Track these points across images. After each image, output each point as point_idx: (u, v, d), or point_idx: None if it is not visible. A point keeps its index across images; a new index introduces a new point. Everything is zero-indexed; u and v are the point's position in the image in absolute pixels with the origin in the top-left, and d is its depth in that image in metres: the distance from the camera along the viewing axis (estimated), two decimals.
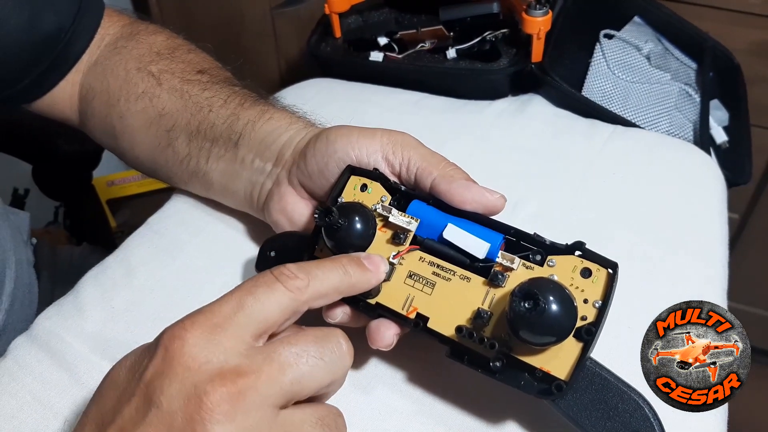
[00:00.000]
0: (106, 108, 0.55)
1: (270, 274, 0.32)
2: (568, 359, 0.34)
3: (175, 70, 0.54)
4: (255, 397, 0.29)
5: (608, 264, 0.34)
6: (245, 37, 1.24)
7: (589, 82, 0.69)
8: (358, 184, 0.41)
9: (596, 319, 0.33)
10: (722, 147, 0.74)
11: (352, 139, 0.42)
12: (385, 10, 0.76)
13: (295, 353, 0.30)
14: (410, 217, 0.39)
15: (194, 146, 0.51)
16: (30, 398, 0.40)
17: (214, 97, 0.51)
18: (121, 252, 0.50)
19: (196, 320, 0.30)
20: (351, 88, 0.71)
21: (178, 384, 0.28)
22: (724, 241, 0.55)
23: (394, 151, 0.41)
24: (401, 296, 0.38)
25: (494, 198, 0.38)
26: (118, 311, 0.45)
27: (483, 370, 0.35)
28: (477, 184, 0.39)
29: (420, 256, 0.38)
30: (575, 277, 0.34)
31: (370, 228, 0.39)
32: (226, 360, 0.29)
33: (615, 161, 0.60)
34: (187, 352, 0.29)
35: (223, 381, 0.28)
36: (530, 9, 0.64)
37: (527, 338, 0.33)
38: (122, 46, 0.55)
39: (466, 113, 0.67)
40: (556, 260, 0.35)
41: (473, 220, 0.38)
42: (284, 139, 0.47)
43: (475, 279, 0.37)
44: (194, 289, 0.47)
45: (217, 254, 0.50)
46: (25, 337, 0.44)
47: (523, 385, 0.34)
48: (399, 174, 0.41)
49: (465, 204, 0.38)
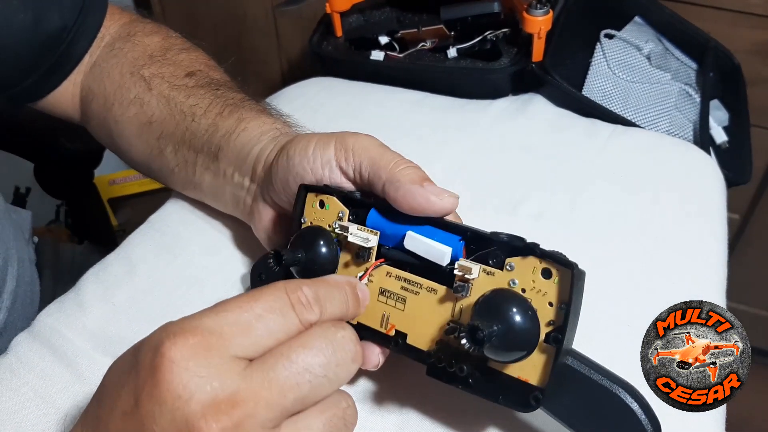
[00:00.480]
0: (103, 111, 0.55)
1: (286, 300, 0.30)
2: (542, 366, 0.33)
3: (165, 74, 0.53)
4: (254, 425, 0.26)
5: (566, 263, 0.32)
6: (247, 36, 1.25)
7: (590, 82, 0.70)
8: (316, 201, 0.40)
9: (563, 323, 0.32)
10: (722, 147, 0.74)
11: (309, 152, 0.40)
12: (387, 9, 0.76)
13: (297, 373, 0.28)
14: (369, 230, 0.37)
15: (181, 156, 0.50)
16: (32, 394, 0.41)
17: (197, 105, 0.50)
18: (122, 249, 0.50)
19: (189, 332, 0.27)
20: (352, 86, 0.71)
21: (169, 415, 0.26)
22: (723, 240, 0.55)
23: (346, 158, 0.39)
24: (378, 314, 0.37)
25: (442, 201, 0.36)
26: (119, 308, 0.45)
27: (462, 386, 0.35)
28: (423, 188, 0.36)
29: (387, 271, 0.37)
30: (536, 279, 0.33)
31: (331, 251, 0.38)
32: (220, 386, 0.26)
33: (615, 160, 0.60)
34: (177, 378, 0.26)
35: (218, 415, 0.26)
36: (531, 8, 0.64)
37: (495, 359, 0.33)
38: (119, 48, 0.55)
39: (467, 112, 0.67)
40: (514, 263, 0.34)
41: (431, 223, 0.37)
42: (256, 152, 0.46)
43: (440, 290, 0.36)
44: (195, 287, 0.47)
45: (218, 252, 0.50)
46: (26, 333, 0.45)
47: (502, 400, 0.34)
48: (354, 180, 0.40)
49: (414, 211, 0.36)
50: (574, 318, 0.33)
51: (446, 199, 0.36)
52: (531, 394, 0.33)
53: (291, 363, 0.28)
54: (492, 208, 0.55)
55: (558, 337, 0.32)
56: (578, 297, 0.33)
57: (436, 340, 0.36)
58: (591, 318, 0.36)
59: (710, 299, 0.48)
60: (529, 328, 0.32)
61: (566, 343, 0.32)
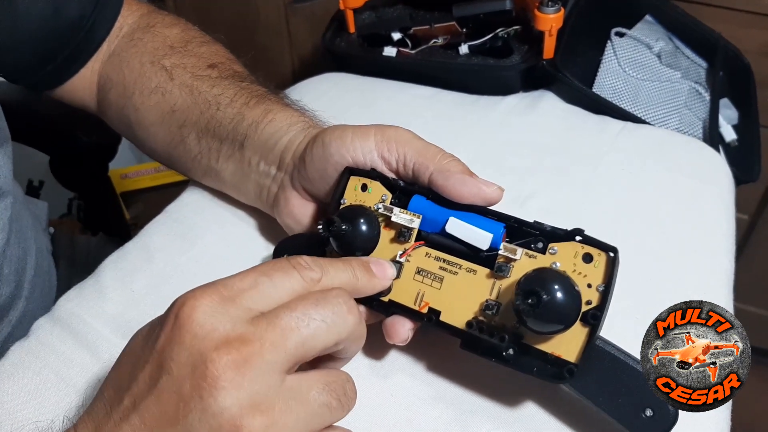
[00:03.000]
0: (123, 100, 0.56)
1: (287, 262, 0.33)
2: (577, 343, 0.35)
3: (187, 64, 0.54)
4: (260, 363, 0.29)
5: (608, 248, 0.35)
6: (260, 33, 1.26)
7: (600, 79, 0.70)
8: (358, 184, 0.41)
9: (600, 303, 0.34)
10: (731, 145, 0.75)
11: (347, 140, 0.42)
12: (399, 6, 0.77)
13: (296, 317, 0.31)
14: (412, 213, 0.39)
15: (204, 144, 0.52)
16: (53, 376, 0.42)
17: (222, 94, 0.51)
18: (140, 238, 0.51)
19: (208, 290, 0.31)
20: (364, 82, 0.71)
21: (186, 351, 0.29)
22: (731, 236, 0.56)
23: (389, 149, 0.41)
24: (412, 292, 0.39)
25: (491, 190, 0.39)
26: (138, 295, 0.46)
27: (497, 359, 0.36)
28: (473, 178, 0.39)
29: (426, 252, 0.39)
30: (577, 262, 0.35)
31: (374, 229, 0.40)
32: (233, 328, 0.29)
33: (625, 157, 0.60)
34: (196, 319, 0.29)
35: (228, 349, 0.29)
36: (543, 6, 0.65)
37: (535, 329, 0.34)
38: (138, 38, 0.56)
39: (478, 109, 0.67)
40: (557, 247, 0.36)
41: (474, 211, 0.39)
42: (284, 142, 0.47)
43: (480, 271, 0.38)
44: (211, 275, 0.47)
45: (234, 242, 0.51)
46: (47, 318, 0.46)
47: (537, 372, 0.35)
48: (397, 170, 0.41)
49: (463, 198, 0.38)
50: (609, 300, 0.34)
51: (494, 190, 0.39)
52: (565, 368, 0.35)
53: (291, 311, 0.31)
54: (502, 202, 0.55)
55: (596, 314, 0.34)
56: (614, 281, 0.34)
57: (472, 317, 0.37)
58: None
59: (717, 296, 0.49)
60: (573, 303, 0.34)
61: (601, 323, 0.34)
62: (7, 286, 0.53)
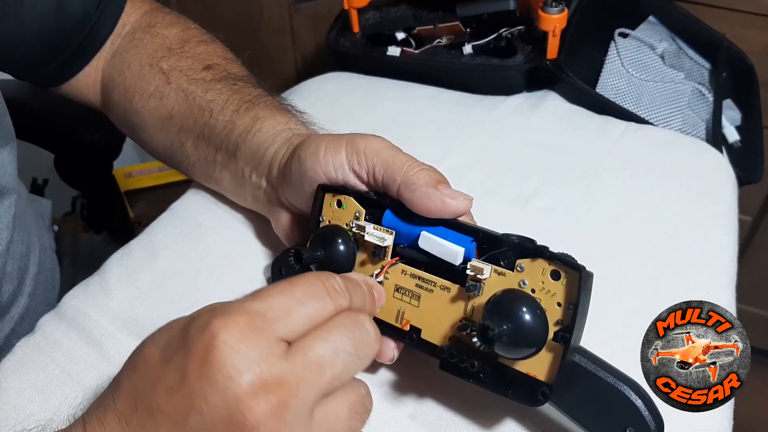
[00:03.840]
0: (124, 102, 0.56)
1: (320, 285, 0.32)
2: (550, 363, 0.34)
3: (183, 67, 0.54)
4: (296, 404, 0.28)
5: (574, 266, 0.33)
6: (262, 33, 1.26)
7: (603, 80, 0.70)
8: (333, 200, 0.41)
9: (570, 322, 0.33)
10: (734, 146, 0.75)
11: (320, 155, 0.41)
12: (403, 5, 0.77)
13: (332, 351, 0.30)
14: (385, 230, 0.39)
15: (201, 152, 0.52)
16: (58, 371, 0.42)
17: (214, 100, 0.51)
18: (145, 236, 0.51)
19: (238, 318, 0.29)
20: (368, 81, 0.72)
21: (220, 394, 0.27)
22: (734, 237, 0.56)
23: (358, 161, 0.40)
24: (393, 310, 0.39)
25: (456, 203, 0.37)
26: (143, 292, 0.47)
27: (474, 380, 0.36)
28: (438, 191, 0.37)
29: (402, 269, 0.39)
30: (545, 280, 0.34)
31: (348, 249, 0.39)
32: (268, 368, 0.28)
33: (628, 157, 0.61)
34: (229, 359, 0.28)
35: (267, 395, 0.27)
36: (546, 6, 0.65)
37: (505, 355, 0.34)
38: (139, 39, 0.56)
39: (482, 108, 0.68)
40: (524, 264, 0.35)
41: (445, 224, 0.38)
42: (270, 153, 0.46)
43: (453, 288, 0.37)
44: (216, 273, 0.48)
45: (239, 240, 0.51)
46: (53, 314, 0.46)
47: (512, 394, 0.35)
48: (368, 183, 0.41)
49: (430, 213, 0.37)
50: (582, 318, 0.34)
51: (461, 201, 0.37)
52: (539, 389, 0.34)
53: (327, 343, 0.30)
54: (505, 201, 0.56)
55: (566, 336, 0.33)
56: (586, 298, 0.34)
57: (449, 335, 0.37)
58: (600, 312, 0.36)
59: (720, 297, 0.49)
60: (538, 327, 0.33)
61: (573, 342, 0.33)
62: (9, 283, 0.54)
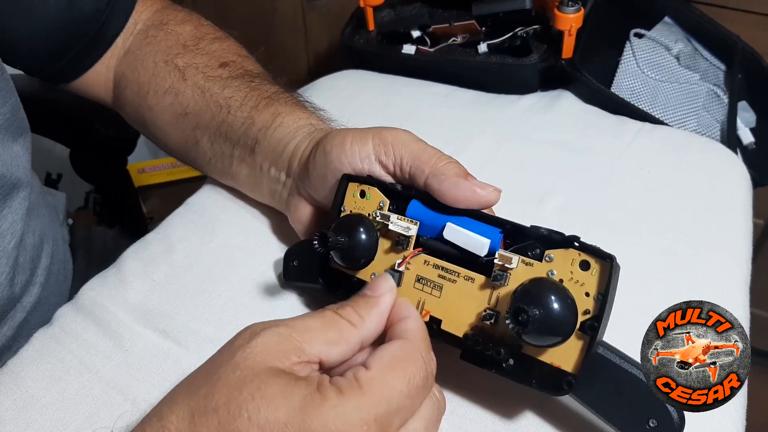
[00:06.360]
0: (137, 99, 0.56)
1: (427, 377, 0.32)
2: (576, 353, 0.34)
3: (199, 64, 0.54)
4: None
5: (604, 255, 0.33)
6: (276, 31, 1.26)
7: (618, 80, 0.70)
8: (357, 191, 0.41)
9: (598, 312, 0.33)
10: (749, 148, 0.75)
11: (346, 146, 0.41)
12: (418, 4, 0.77)
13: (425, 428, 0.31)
14: (409, 220, 0.39)
15: (217, 148, 0.52)
16: (76, 362, 0.42)
17: (232, 97, 0.51)
18: (161, 229, 0.52)
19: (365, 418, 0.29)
20: (383, 79, 0.72)
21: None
22: (748, 238, 0.55)
23: (385, 152, 0.40)
24: (413, 300, 0.38)
25: (485, 193, 0.37)
26: (159, 284, 0.47)
27: (496, 369, 0.36)
28: (468, 181, 0.37)
29: (425, 260, 0.38)
30: (574, 270, 0.34)
31: (371, 238, 0.39)
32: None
33: (642, 157, 0.61)
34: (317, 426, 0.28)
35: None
36: (562, 6, 0.65)
37: (531, 342, 0.34)
38: (152, 36, 0.56)
39: (496, 107, 0.68)
40: (554, 254, 0.35)
41: (471, 215, 0.38)
42: (291, 147, 0.47)
43: (478, 279, 0.37)
44: (231, 267, 0.49)
45: (253, 235, 0.51)
46: (70, 305, 0.46)
47: (536, 384, 0.35)
48: (394, 174, 0.41)
49: (458, 202, 0.37)
50: (609, 309, 0.34)
51: (490, 192, 0.37)
52: (564, 379, 0.34)
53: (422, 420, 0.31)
54: (518, 200, 0.56)
55: (594, 326, 0.33)
56: (613, 289, 0.34)
57: (471, 326, 0.37)
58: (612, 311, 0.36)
59: (733, 299, 0.49)
60: (568, 315, 0.33)
61: (600, 332, 0.33)
62: (22, 274, 0.54)
